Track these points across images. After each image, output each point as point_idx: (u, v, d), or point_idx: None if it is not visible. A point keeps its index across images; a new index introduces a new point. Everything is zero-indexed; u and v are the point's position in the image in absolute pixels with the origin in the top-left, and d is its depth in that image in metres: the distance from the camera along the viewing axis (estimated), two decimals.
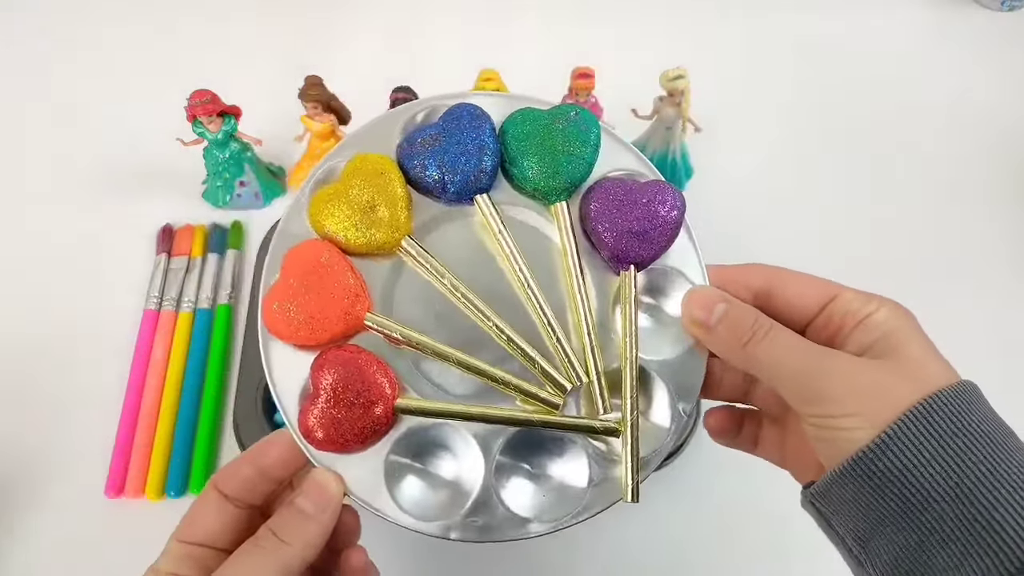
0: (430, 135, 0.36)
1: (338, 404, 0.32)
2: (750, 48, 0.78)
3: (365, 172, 0.35)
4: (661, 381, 0.35)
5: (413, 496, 0.33)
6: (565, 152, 0.36)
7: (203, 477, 0.52)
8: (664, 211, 0.35)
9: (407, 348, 0.34)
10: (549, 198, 0.36)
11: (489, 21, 0.79)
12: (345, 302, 0.34)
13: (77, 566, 0.50)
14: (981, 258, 0.64)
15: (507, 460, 0.34)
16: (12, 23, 0.79)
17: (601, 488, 0.34)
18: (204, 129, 0.59)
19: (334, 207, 0.35)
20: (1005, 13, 0.80)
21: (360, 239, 0.35)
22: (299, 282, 0.34)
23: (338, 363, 0.33)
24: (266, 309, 0.34)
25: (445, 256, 0.36)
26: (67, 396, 0.56)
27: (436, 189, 0.36)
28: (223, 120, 0.59)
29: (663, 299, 0.37)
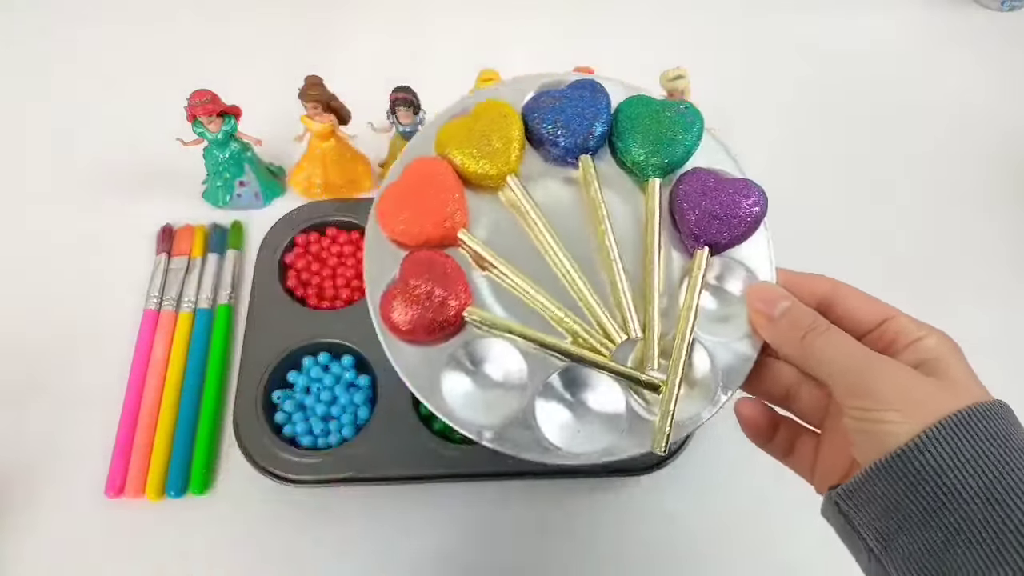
0: (554, 96, 0.40)
1: (418, 296, 0.36)
2: (750, 48, 0.78)
3: (491, 113, 0.40)
4: (710, 358, 0.37)
5: (460, 396, 0.37)
6: (668, 136, 0.39)
7: (203, 477, 0.52)
8: (747, 204, 0.38)
9: (488, 271, 0.38)
10: (645, 173, 0.40)
11: (489, 21, 0.79)
12: (446, 212, 0.38)
13: (77, 566, 0.50)
14: (981, 258, 0.64)
15: (552, 389, 0.37)
16: (12, 23, 0.79)
17: (631, 439, 0.36)
18: (204, 129, 0.59)
19: (458, 135, 0.39)
20: (1005, 13, 0.80)
21: (473, 167, 0.39)
22: (413, 187, 0.38)
23: (426, 261, 0.37)
24: (380, 203, 0.39)
25: (538, 204, 0.40)
26: (67, 396, 0.56)
27: (548, 141, 0.40)
28: (223, 120, 0.59)
29: (729, 287, 0.39)
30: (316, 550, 0.51)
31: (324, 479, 0.51)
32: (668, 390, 0.36)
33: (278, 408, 0.54)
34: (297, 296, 0.59)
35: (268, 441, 0.52)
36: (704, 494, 0.53)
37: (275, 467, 0.51)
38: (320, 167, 0.63)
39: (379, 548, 0.51)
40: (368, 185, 0.65)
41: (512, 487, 0.53)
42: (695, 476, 0.53)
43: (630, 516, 0.52)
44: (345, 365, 0.55)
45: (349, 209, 0.63)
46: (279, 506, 0.52)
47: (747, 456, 0.54)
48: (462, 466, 0.51)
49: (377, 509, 0.52)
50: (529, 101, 0.41)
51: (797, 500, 0.53)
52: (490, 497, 0.53)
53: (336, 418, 0.54)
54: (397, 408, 0.53)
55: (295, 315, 0.57)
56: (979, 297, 0.60)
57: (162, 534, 0.52)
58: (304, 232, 0.61)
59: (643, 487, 0.53)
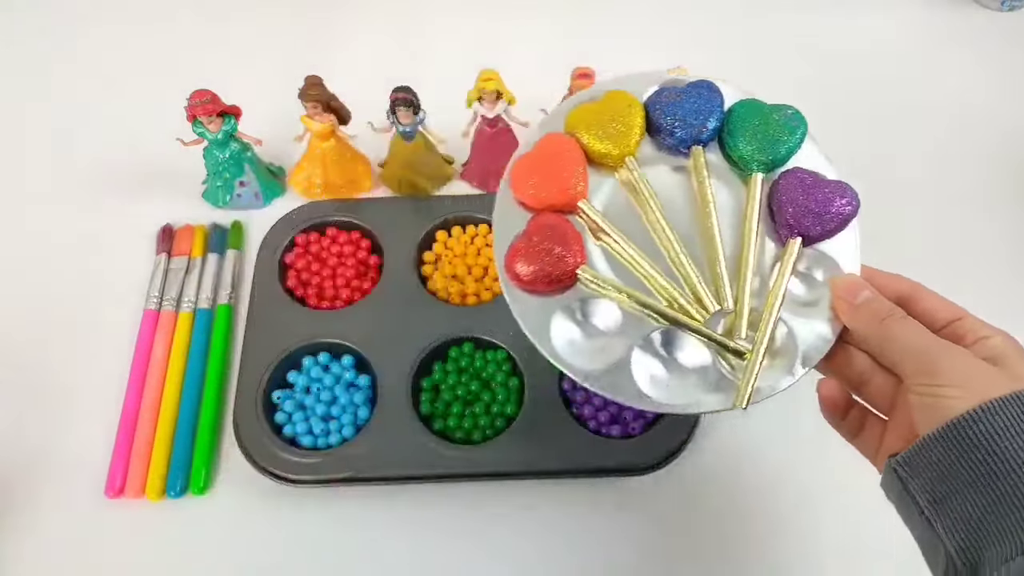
0: (676, 92, 0.45)
1: (540, 252, 0.41)
2: (750, 48, 0.78)
3: (618, 101, 0.45)
4: (792, 336, 0.41)
5: (566, 342, 0.41)
6: (774, 137, 0.44)
7: (203, 477, 0.52)
8: (842, 202, 0.43)
9: (601, 240, 0.43)
10: (750, 167, 0.44)
11: (489, 21, 0.79)
12: (571, 182, 0.43)
13: (78, 566, 0.50)
14: (981, 258, 0.64)
15: (650, 345, 0.42)
16: (12, 23, 0.79)
17: (715, 396, 0.41)
18: (204, 129, 0.59)
19: (587, 118, 0.45)
20: (1005, 13, 0.80)
21: (597, 146, 0.44)
22: (544, 158, 0.44)
23: (550, 222, 0.42)
24: (514, 169, 0.44)
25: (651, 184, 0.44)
26: (67, 396, 0.56)
27: (666, 131, 0.45)
28: (223, 120, 0.59)
29: (815, 276, 0.43)
30: (316, 550, 0.51)
31: (324, 479, 0.52)
32: (753, 357, 0.40)
33: (278, 408, 0.54)
34: (297, 296, 0.59)
35: (268, 441, 0.52)
36: (704, 494, 0.53)
37: (275, 467, 0.51)
38: (320, 167, 0.63)
39: (379, 548, 0.51)
40: (368, 185, 0.65)
41: (512, 487, 0.53)
42: (695, 476, 0.53)
43: (630, 516, 0.52)
44: (345, 365, 0.55)
45: (349, 209, 0.63)
46: (279, 506, 0.52)
47: (747, 457, 0.55)
48: (462, 466, 0.51)
49: (377, 509, 0.52)
50: (652, 94, 0.46)
51: (796, 500, 0.53)
52: (490, 497, 0.53)
53: (336, 418, 0.54)
54: (397, 408, 0.53)
55: (295, 315, 0.57)
56: (979, 297, 0.60)
57: (162, 534, 0.52)
58: (304, 232, 0.61)
59: (643, 487, 0.53)
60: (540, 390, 0.53)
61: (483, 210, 0.62)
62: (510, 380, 0.55)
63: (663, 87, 0.46)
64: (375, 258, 0.61)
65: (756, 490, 0.54)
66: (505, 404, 0.54)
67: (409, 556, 0.51)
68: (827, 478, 0.54)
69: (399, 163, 0.62)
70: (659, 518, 0.52)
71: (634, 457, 0.51)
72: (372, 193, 0.65)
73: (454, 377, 0.55)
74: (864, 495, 0.54)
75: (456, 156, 0.66)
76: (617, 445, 0.52)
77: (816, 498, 0.54)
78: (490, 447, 0.52)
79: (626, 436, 0.52)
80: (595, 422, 0.53)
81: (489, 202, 0.62)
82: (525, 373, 0.54)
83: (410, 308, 0.58)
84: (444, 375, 0.55)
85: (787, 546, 0.52)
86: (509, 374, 0.55)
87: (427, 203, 0.63)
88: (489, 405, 0.54)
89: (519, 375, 0.55)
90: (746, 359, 0.41)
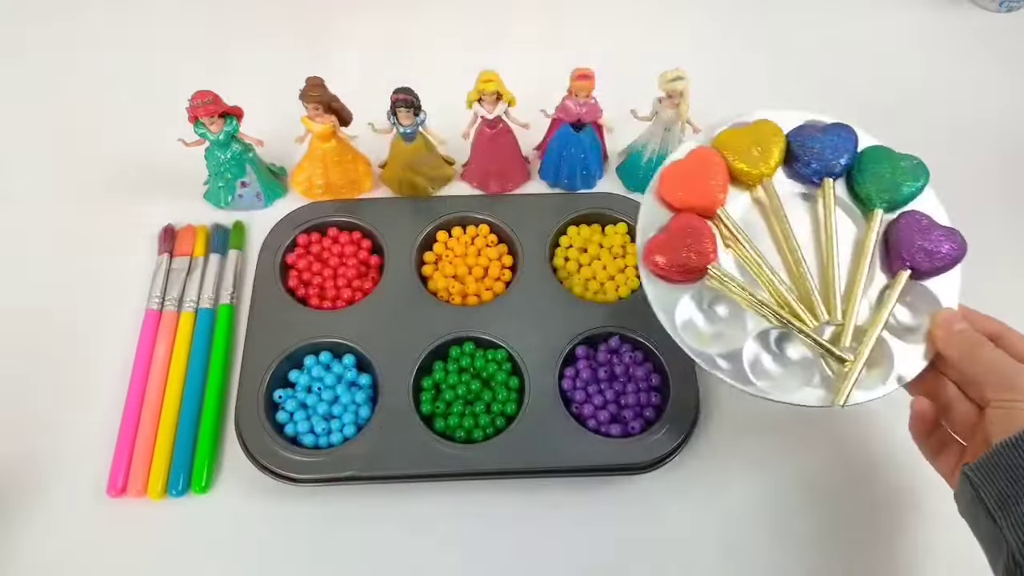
0: (817, 128, 0.52)
1: (678, 245, 0.48)
2: (748, 49, 0.78)
3: (764, 130, 0.52)
4: (891, 354, 0.47)
5: (689, 326, 0.49)
6: (899, 182, 0.50)
7: (205, 476, 0.53)
8: (951, 247, 0.48)
9: (731, 247, 0.50)
10: (872, 204, 0.50)
11: (489, 22, 0.79)
12: (713, 190, 0.50)
13: (80, 565, 0.50)
14: (981, 258, 0.64)
15: (764, 340, 0.48)
16: (12, 23, 0.79)
17: (816, 393, 0.47)
18: (206, 130, 0.59)
19: (734, 139, 0.52)
20: (1003, 14, 0.81)
21: (739, 165, 0.51)
22: (693, 166, 0.51)
23: (691, 220, 0.49)
24: (664, 172, 0.51)
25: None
26: (69, 396, 0.56)
27: (802, 161, 0.51)
28: (225, 121, 0.59)
29: (918, 306, 0.49)
30: (318, 549, 0.51)
31: (325, 478, 0.52)
32: (855, 364, 0.46)
33: (280, 407, 0.54)
34: (298, 296, 0.59)
35: (270, 440, 0.52)
36: (703, 494, 0.53)
37: (277, 466, 0.51)
38: (321, 168, 0.63)
39: (380, 547, 0.52)
40: (369, 186, 0.66)
41: (512, 486, 0.53)
42: (694, 475, 0.54)
43: (630, 515, 0.52)
44: (346, 364, 0.56)
45: (350, 210, 0.63)
46: (281, 505, 0.52)
47: (746, 457, 0.55)
48: (463, 465, 0.52)
49: (378, 508, 0.53)
50: (795, 128, 0.52)
51: (795, 499, 0.54)
52: (490, 496, 0.53)
53: (337, 417, 0.54)
54: (398, 407, 0.53)
55: (296, 315, 0.58)
56: (979, 297, 0.61)
57: (164, 533, 0.52)
58: (305, 232, 0.62)
59: (643, 487, 0.53)
60: (540, 390, 0.54)
61: (483, 210, 0.63)
62: (510, 380, 0.55)
63: (806, 123, 0.53)
64: (376, 258, 0.61)
65: (755, 489, 0.54)
66: (505, 403, 0.54)
67: (409, 555, 0.51)
68: (826, 479, 0.54)
69: (400, 164, 0.62)
70: (659, 517, 0.53)
71: (634, 456, 0.52)
72: (373, 194, 0.66)
73: (455, 376, 0.55)
74: (863, 495, 0.54)
75: (456, 157, 0.66)
76: (617, 444, 0.52)
77: (813, 498, 0.54)
78: (490, 446, 0.52)
79: (626, 435, 0.53)
80: (595, 421, 0.53)
81: (489, 203, 0.63)
82: (525, 373, 0.54)
83: (411, 308, 0.58)
84: (445, 374, 0.55)
85: (787, 545, 0.52)
86: (509, 374, 0.55)
87: (428, 203, 0.64)
88: (490, 404, 0.54)
89: (519, 375, 0.55)
90: (847, 366, 0.46)
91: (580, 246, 0.61)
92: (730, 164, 0.51)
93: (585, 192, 0.65)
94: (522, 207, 0.63)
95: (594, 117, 0.61)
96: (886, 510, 0.53)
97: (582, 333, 0.56)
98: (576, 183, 0.65)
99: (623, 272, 0.60)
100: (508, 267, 0.61)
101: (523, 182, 0.67)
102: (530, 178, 0.67)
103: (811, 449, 0.55)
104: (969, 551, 0.41)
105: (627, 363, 0.55)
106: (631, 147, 0.66)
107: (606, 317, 0.57)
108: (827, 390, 0.47)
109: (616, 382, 0.55)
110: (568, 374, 0.55)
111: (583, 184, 0.65)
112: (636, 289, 0.59)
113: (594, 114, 0.61)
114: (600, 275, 0.60)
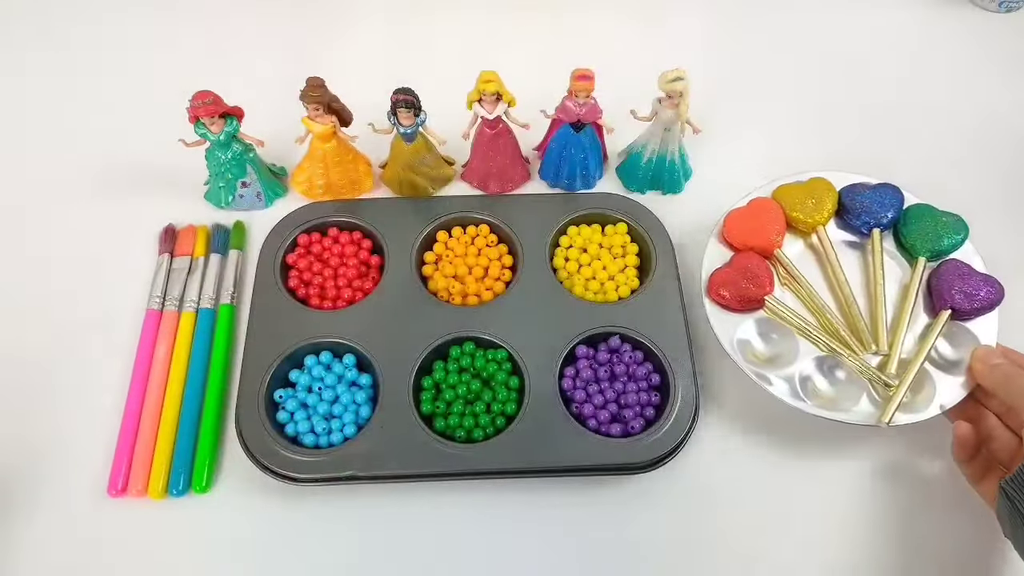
0: (866, 186, 0.60)
1: (738, 277, 0.55)
2: (749, 48, 0.78)
3: (820, 185, 0.60)
4: (933, 382, 0.53)
5: (747, 349, 0.54)
6: (941, 234, 0.57)
7: (206, 476, 0.53)
8: (990, 291, 0.54)
9: (786, 284, 0.57)
10: (917, 252, 0.57)
11: (489, 22, 0.79)
12: (772, 233, 0.57)
13: (80, 565, 0.51)
14: (980, 258, 0.64)
15: (818, 364, 0.54)
16: (13, 23, 0.79)
17: (862, 413, 0.52)
18: (206, 130, 0.59)
19: (791, 192, 0.59)
20: (1002, 14, 0.81)
21: (795, 214, 0.58)
22: (754, 212, 0.58)
23: (750, 258, 0.56)
24: (729, 217, 0.58)
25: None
26: (70, 395, 0.56)
27: (853, 213, 0.59)
28: (225, 121, 0.59)
29: (960, 343, 0.54)
30: (318, 548, 0.51)
31: (326, 478, 0.52)
32: (899, 388, 0.51)
33: (280, 407, 0.54)
34: (299, 296, 0.59)
35: (270, 440, 0.52)
36: (703, 493, 0.53)
37: (277, 466, 0.51)
38: (322, 168, 0.63)
39: (380, 546, 0.52)
40: (369, 186, 0.66)
41: (512, 486, 0.53)
42: (695, 475, 0.54)
43: (630, 515, 0.53)
44: (347, 364, 0.56)
45: (350, 210, 0.63)
46: (281, 504, 0.52)
47: (745, 456, 0.55)
48: (463, 465, 0.52)
49: (379, 507, 0.53)
50: (847, 185, 0.60)
51: (795, 500, 0.54)
52: (491, 496, 0.53)
53: (338, 417, 0.54)
54: (398, 407, 0.53)
55: (297, 315, 0.58)
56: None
57: (165, 533, 0.52)
58: (306, 232, 0.62)
59: (643, 486, 0.53)
60: (540, 389, 0.54)
61: (483, 211, 0.63)
62: (511, 379, 0.55)
63: (857, 182, 0.60)
64: (376, 258, 0.61)
65: (756, 488, 0.54)
66: (506, 403, 0.54)
67: (410, 554, 0.51)
68: (824, 479, 0.54)
69: (400, 164, 0.62)
70: (659, 516, 0.53)
71: (634, 456, 0.52)
72: (373, 194, 0.66)
73: (455, 376, 0.55)
74: (859, 497, 0.54)
75: (456, 157, 0.66)
76: (617, 444, 0.52)
77: (811, 499, 0.54)
78: (491, 446, 0.52)
79: (626, 435, 0.53)
80: (595, 421, 0.53)
81: (489, 203, 0.64)
82: (525, 373, 0.54)
83: (411, 308, 0.58)
84: (445, 374, 0.55)
85: (785, 545, 0.52)
86: (510, 373, 0.55)
87: (428, 203, 0.64)
88: (490, 404, 0.54)
89: (520, 374, 0.55)
90: (891, 390, 0.52)
91: (580, 246, 0.61)
92: (787, 213, 0.58)
93: (585, 192, 0.66)
94: (522, 207, 0.63)
95: (594, 117, 0.61)
96: (895, 508, 0.53)
97: (582, 333, 0.56)
98: (576, 183, 0.65)
99: (623, 272, 0.60)
100: (508, 267, 0.61)
101: (523, 182, 0.67)
102: (530, 178, 0.67)
103: (811, 450, 0.55)
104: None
105: (627, 363, 0.55)
106: (631, 147, 0.66)
107: (606, 317, 0.57)
108: (874, 411, 0.52)
109: (616, 382, 0.55)
110: (568, 374, 0.55)
111: (583, 184, 0.65)
112: (636, 289, 0.59)
113: (594, 114, 0.61)
114: (600, 275, 0.60)
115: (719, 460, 0.55)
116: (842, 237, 0.59)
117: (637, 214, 0.62)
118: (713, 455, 0.55)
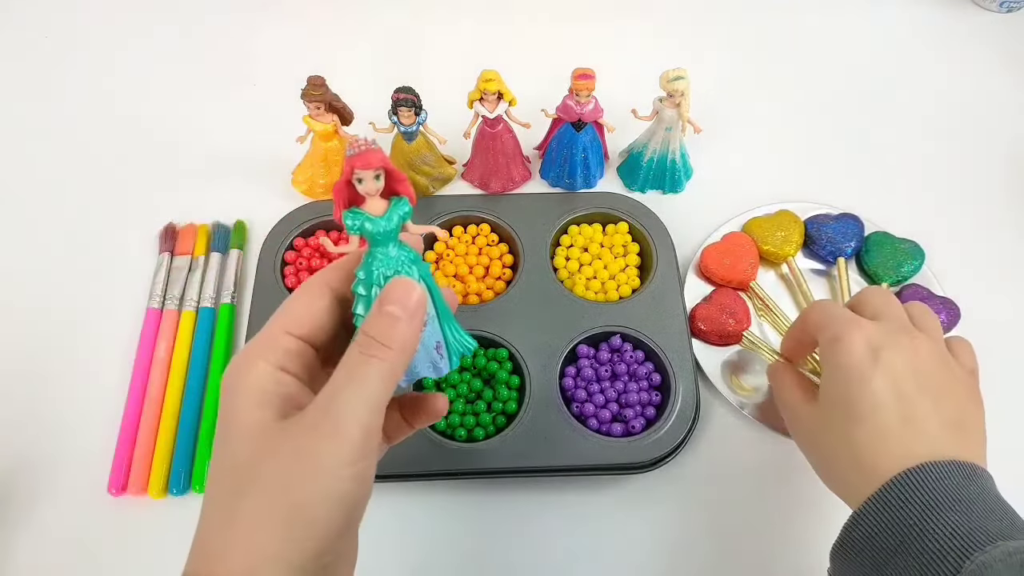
0: (830, 217, 0.63)
1: (718, 311, 0.58)
2: (749, 48, 0.78)
3: (786, 218, 0.63)
4: None
5: (728, 377, 0.57)
6: (900, 261, 0.60)
7: (206, 475, 0.52)
8: (946, 315, 0.58)
9: (762, 314, 0.60)
10: (880, 278, 0.61)
11: (490, 22, 0.79)
12: (747, 267, 0.60)
13: (80, 564, 0.50)
14: (980, 258, 0.64)
15: None
16: (14, 21, 0.79)
17: None
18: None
19: (762, 226, 0.62)
20: (1003, 14, 0.81)
21: (766, 246, 0.62)
22: (729, 247, 0.61)
23: (729, 293, 0.59)
24: (705, 252, 0.61)
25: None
26: (70, 394, 0.56)
27: (818, 243, 0.62)
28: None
29: None
30: None
31: None
32: None
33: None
34: None
35: None
36: (703, 493, 0.53)
37: None
38: (323, 167, 0.63)
39: (379, 546, 0.52)
40: None
41: (512, 485, 0.53)
42: (695, 474, 0.54)
43: (631, 513, 0.53)
44: None
45: None
46: None
47: (745, 455, 0.55)
48: (463, 464, 0.52)
49: (378, 506, 0.52)
50: (811, 216, 0.63)
51: (795, 499, 0.54)
52: (491, 495, 0.53)
53: None
54: None
55: None
56: (981, 296, 0.61)
57: (165, 532, 0.52)
58: (307, 232, 0.62)
59: (644, 485, 0.53)
60: (542, 389, 0.54)
61: (484, 210, 0.63)
62: (512, 378, 0.55)
63: (819, 214, 0.63)
64: None
65: (756, 488, 0.54)
66: (507, 402, 0.54)
67: (409, 553, 0.51)
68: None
69: (401, 163, 0.62)
70: (660, 516, 0.53)
71: (635, 455, 0.52)
72: None
73: (456, 375, 0.55)
74: None
75: (457, 156, 0.66)
76: (618, 443, 0.52)
77: (812, 498, 0.54)
78: (492, 445, 0.52)
79: (627, 434, 0.53)
80: (596, 420, 0.53)
81: (490, 202, 0.63)
82: (526, 372, 0.54)
83: None
84: None
85: (785, 545, 0.52)
86: (511, 372, 0.55)
87: (429, 203, 0.64)
88: (491, 403, 0.54)
89: (521, 373, 0.55)
90: None
91: (581, 245, 0.61)
92: (759, 246, 0.61)
93: (586, 192, 0.66)
94: (523, 207, 0.63)
95: (595, 117, 0.61)
96: None
97: (583, 332, 0.56)
98: (577, 183, 0.65)
99: (624, 271, 0.60)
100: (509, 266, 0.61)
101: (524, 182, 0.67)
102: (531, 177, 0.67)
103: None
104: None
105: (628, 362, 0.55)
106: (632, 147, 0.66)
107: (607, 316, 0.57)
108: None
109: (617, 381, 0.55)
110: (569, 373, 0.55)
111: (584, 184, 0.65)
112: (637, 288, 0.59)
113: (595, 114, 0.61)
114: (601, 274, 0.60)
115: (720, 460, 0.55)
116: (810, 265, 0.63)
117: (638, 213, 0.62)
118: (714, 455, 0.55)
